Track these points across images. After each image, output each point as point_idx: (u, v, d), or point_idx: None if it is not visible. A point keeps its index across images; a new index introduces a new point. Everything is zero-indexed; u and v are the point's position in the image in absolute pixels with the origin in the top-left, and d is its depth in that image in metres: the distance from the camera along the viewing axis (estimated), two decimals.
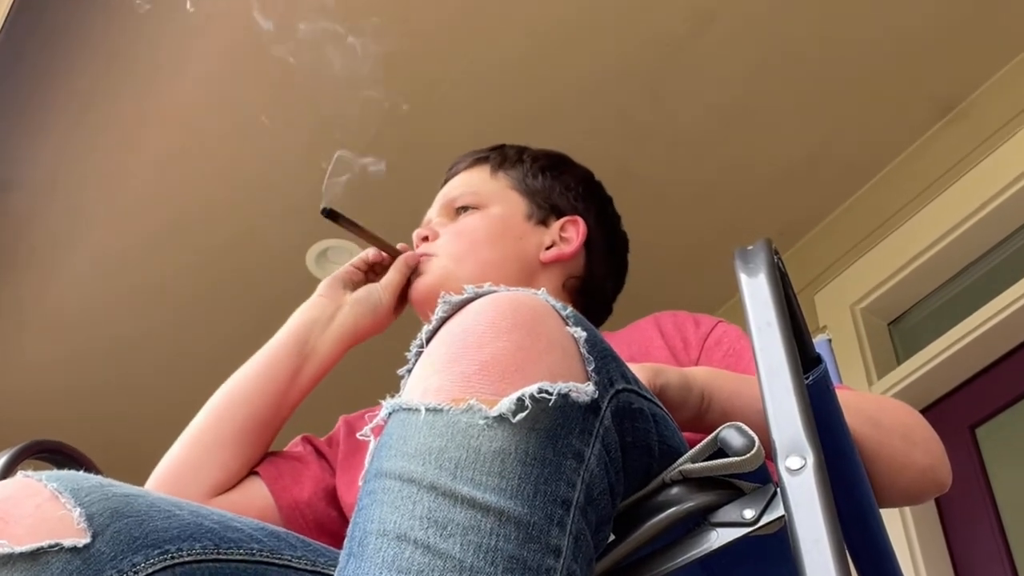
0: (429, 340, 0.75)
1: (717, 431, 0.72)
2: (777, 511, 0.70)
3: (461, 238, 1.30)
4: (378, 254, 1.31)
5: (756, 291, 0.75)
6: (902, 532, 2.42)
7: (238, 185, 2.78)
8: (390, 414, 0.71)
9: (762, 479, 0.73)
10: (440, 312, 0.75)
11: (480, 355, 0.70)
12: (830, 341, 1.35)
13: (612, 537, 0.74)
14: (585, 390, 0.70)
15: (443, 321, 0.75)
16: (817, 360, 0.85)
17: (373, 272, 1.31)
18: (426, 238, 1.32)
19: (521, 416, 0.67)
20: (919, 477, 0.99)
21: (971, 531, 2.44)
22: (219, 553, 0.78)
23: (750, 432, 0.71)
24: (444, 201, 1.36)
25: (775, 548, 0.75)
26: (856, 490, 0.91)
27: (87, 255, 2.94)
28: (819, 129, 2.73)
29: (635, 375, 0.78)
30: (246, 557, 0.80)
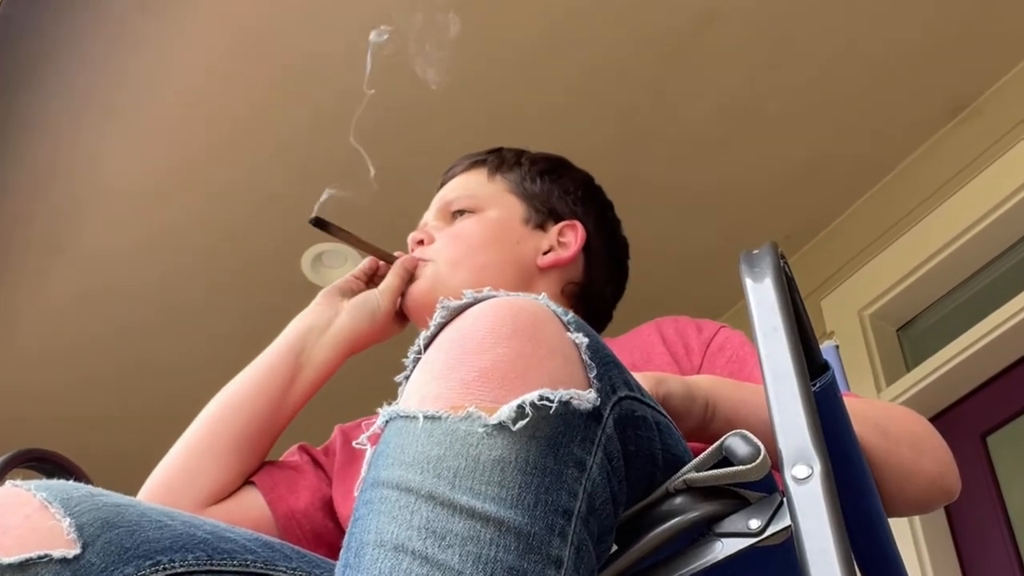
0: (427, 346, 0.74)
1: (722, 439, 0.72)
2: (783, 521, 0.69)
3: (457, 242, 1.28)
4: (375, 262, 1.30)
5: (762, 296, 0.75)
6: (911, 542, 2.40)
7: (232, 188, 2.78)
8: (387, 422, 0.71)
9: (768, 488, 0.72)
10: (438, 317, 0.75)
11: (479, 361, 0.70)
12: (837, 347, 1.34)
13: (615, 548, 0.74)
14: (587, 397, 0.70)
15: (441, 327, 0.74)
16: (824, 367, 0.85)
17: (372, 283, 1.30)
18: (421, 242, 1.31)
19: (521, 424, 0.66)
20: (928, 486, 0.99)
21: (982, 541, 2.42)
22: (212, 564, 0.78)
23: (756, 440, 0.70)
24: (440, 204, 1.35)
25: (781, 559, 0.74)
26: (864, 499, 0.91)
27: (79, 256, 2.93)
28: (826, 129, 2.70)
29: (638, 382, 0.77)
30: (240, 568, 0.80)
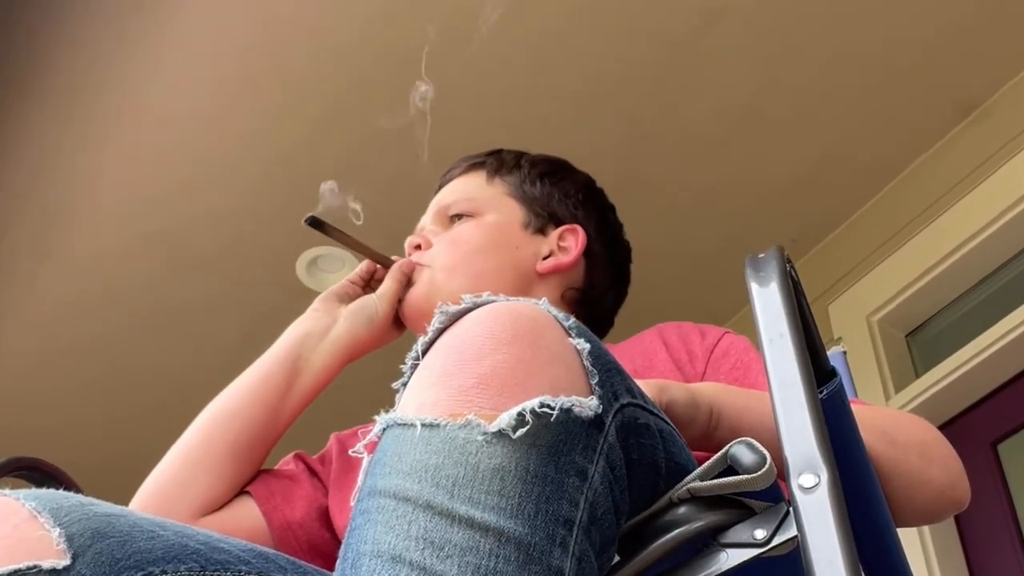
0: (425, 352, 0.74)
1: (727, 447, 0.71)
2: (790, 531, 0.68)
3: (454, 247, 1.27)
4: (371, 265, 1.28)
5: (768, 301, 0.74)
6: (920, 552, 2.38)
7: (227, 191, 2.77)
8: (384, 430, 0.70)
9: (774, 498, 0.71)
10: (437, 323, 0.74)
11: (479, 368, 0.69)
12: (845, 353, 1.34)
13: (617, 558, 0.73)
14: (588, 404, 0.69)
15: (440, 332, 0.74)
16: (831, 373, 0.84)
17: (369, 287, 1.28)
18: (419, 246, 1.29)
19: (521, 432, 0.66)
20: (937, 495, 0.98)
21: (992, 551, 2.40)
22: (205, 574, 0.77)
23: (761, 448, 0.70)
24: (438, 208, 1.33)
25: (787, 570, 0.73)
26: (872, 509, 0.90)
27: (69, 260, 2.92)
28: (833, 131, 2.69)
29: (641, 389, 0.77)
30: None
